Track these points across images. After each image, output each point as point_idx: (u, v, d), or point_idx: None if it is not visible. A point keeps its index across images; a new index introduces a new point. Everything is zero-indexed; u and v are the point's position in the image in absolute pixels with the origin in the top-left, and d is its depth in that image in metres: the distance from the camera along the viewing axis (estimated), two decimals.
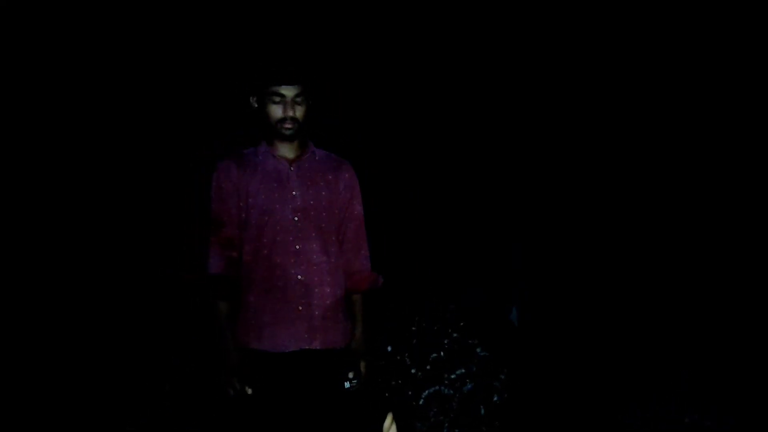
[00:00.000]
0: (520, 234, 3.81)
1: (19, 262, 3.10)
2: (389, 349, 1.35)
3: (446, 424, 1.30)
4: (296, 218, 2.54)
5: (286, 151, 2.77)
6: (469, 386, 1.30)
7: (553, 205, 3.92)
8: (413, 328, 1.34)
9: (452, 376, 1.29)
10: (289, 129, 2.68)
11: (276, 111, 2.66)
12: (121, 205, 3.25)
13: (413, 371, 1.31)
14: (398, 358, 1.32)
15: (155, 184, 3.30)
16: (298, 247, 2.53)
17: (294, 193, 2.55)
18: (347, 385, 2.37)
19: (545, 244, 3.94)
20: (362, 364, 2.61)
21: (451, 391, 1.30)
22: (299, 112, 2.57)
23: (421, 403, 1.31)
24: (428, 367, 1.30)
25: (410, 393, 1.31)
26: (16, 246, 3.11)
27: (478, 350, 1.32)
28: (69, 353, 2.86)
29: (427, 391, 1.31)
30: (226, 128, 3.05)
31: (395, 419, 1.36)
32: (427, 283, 4.01)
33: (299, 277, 2.49)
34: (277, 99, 2.62)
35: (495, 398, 1.29)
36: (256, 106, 2.75)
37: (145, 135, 3.28)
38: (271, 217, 2.50)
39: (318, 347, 2.56)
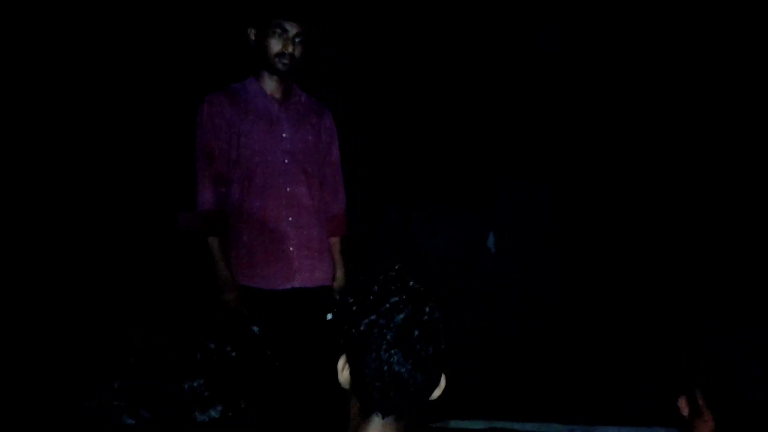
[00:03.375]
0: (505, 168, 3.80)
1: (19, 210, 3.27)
2: (337, 297, 1.50)
3: (384, 346, 1.44)
4: (286, 161, 2.66)
5: (275, 89, 2.87)
6: (403, 314, 1.44)
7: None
8: (360, 278, 1.49)
9: (387, 306, 1.43)
10: (285, 65, 2.77)
11: (276, 45, 2.75)
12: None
13: (354, 308, 1.45)
14: (345, 303, 1.48)
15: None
16: (288, 189, 2.66)
17: (284, 135, 2.67)
18: (329, 316, 2.51)
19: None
20: None
21: (384, 321, 1.44)
22: (298, 50, 2.65)
23: (362, 329, 1.45)
24: (367, 302, 1.44)
25: (353, 330, 1.45)
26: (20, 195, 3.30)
27: (411, 283, 1.45)
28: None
29: (365, 320, 1.45)
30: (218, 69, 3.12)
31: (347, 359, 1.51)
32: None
33: (290, 219, 2.62)
34: (279, 32, 2.68)
35: (425, 317, 1.43)
36: (254, 38, 2.81)
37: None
38: (262, 158, 2.62)
39: (308, 285, 2.70)
